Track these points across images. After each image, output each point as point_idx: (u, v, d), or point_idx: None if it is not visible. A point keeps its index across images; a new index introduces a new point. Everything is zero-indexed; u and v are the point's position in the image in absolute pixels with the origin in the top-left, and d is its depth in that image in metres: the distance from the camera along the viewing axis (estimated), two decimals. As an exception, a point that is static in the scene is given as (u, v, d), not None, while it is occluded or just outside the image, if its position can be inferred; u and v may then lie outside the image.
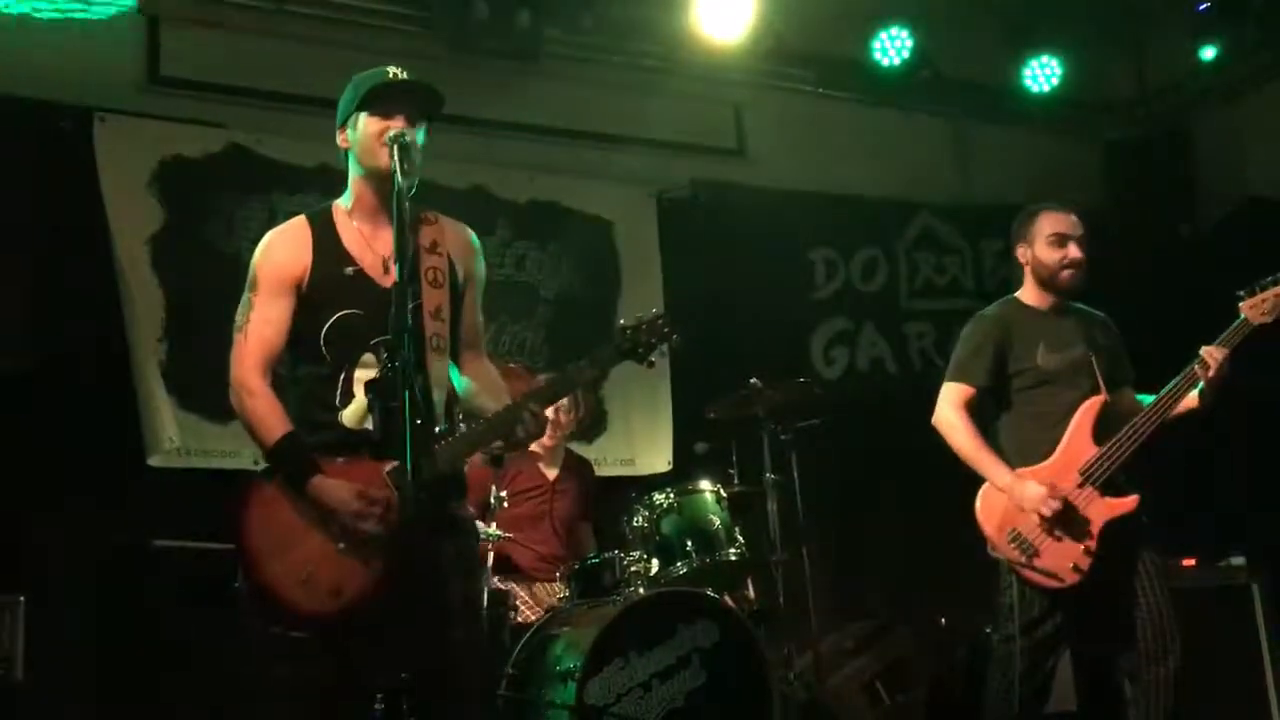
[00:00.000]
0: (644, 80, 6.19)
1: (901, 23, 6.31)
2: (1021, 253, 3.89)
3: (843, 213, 6.68)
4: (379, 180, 2.89)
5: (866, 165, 6.69)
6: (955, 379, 3.81)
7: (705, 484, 4.51)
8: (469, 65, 5.51)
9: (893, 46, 6.32)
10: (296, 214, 3.03)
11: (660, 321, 2.92)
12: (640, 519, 4.35)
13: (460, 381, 3.04)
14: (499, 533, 4.27)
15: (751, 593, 4.76)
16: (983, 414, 3.82)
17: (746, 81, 6.40)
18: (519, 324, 5.84)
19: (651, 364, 2.95)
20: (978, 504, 3.69)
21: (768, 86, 6.49)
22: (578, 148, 6.10)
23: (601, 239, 6.09)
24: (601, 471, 5.41)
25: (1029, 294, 3.88)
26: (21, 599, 3.88)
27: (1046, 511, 3.54)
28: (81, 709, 4.36)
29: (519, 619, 4.31)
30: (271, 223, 5.13)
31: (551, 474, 4.94)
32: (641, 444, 5.96)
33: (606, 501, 5.19)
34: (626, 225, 6.15)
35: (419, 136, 2.89)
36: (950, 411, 3.77)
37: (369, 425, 2.83)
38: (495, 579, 4.30)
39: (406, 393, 2.60)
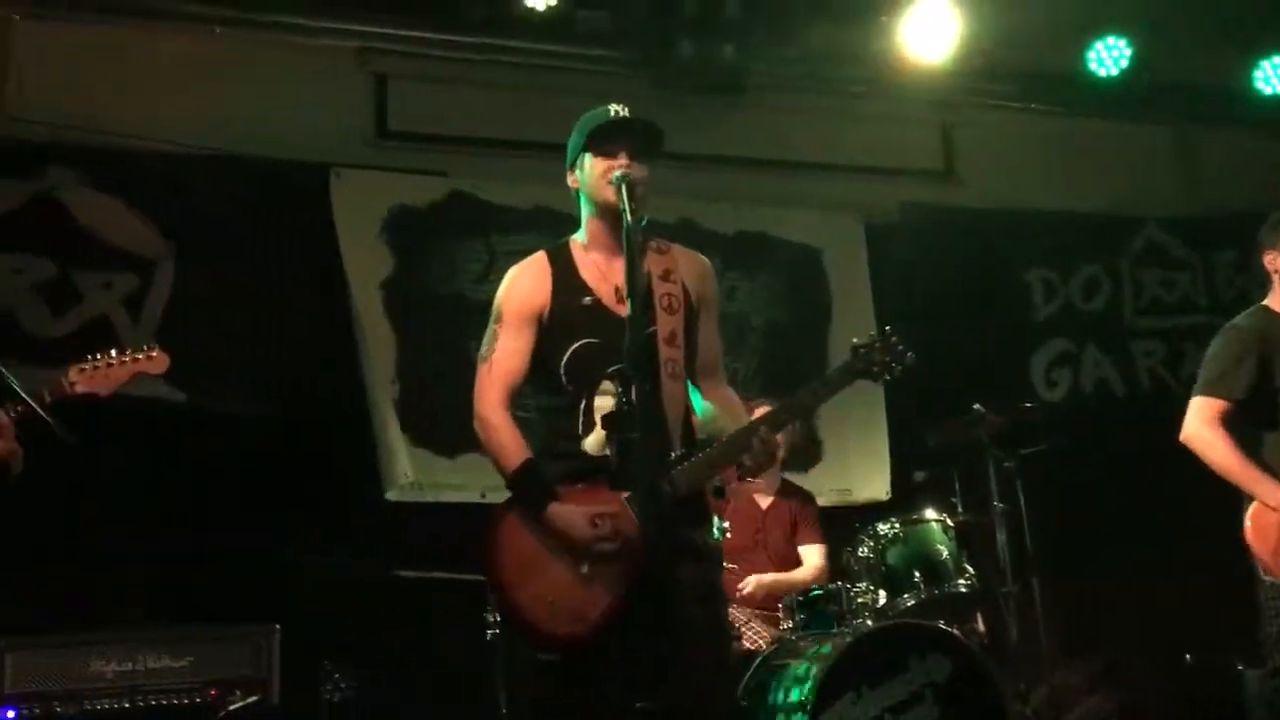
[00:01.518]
0: (849, 105, 6.16)
1: (1118, 31, 6.07)
2: (1270, 260, 3.65)
3: (1060, 230, 6.45)
4: (609, 216, 2.96)
5: (1084, 180, 6.45)
6: (1209, 393, 3.58)
7: (931, 513, 4.41)
8: (675, 102, 5.59)
9: (1109, 56, 6.07)
10: (514, 254, 3.15)
11: (895, 340, 2.96)
12: (865, 549, 4.28)
13: (701, 406, 3.07)
14: (724, 563, 4.28)
15: (981, 625, 4.61)
16: (1231, 430, 3.59)
17: (954, 101, 6.29)
18: (730, 355, 5.84)
19: (887, 380, 2.98)
20: (1247, 524, 3.45)
21: (976, 105, 6.36)
22: (784, 177, 6.11)
23: (810, 267, 6.07)
24: (819, 501, 5.34)
25: None
26: (277, 627, 4.06)
27: None
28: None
29: (744, 648, 4.31)
30: (491, 263, 5.47)
31: (765, 503, 4.93)
32: (858, 473, 5.88)
33: (823, 531, 5.14)
34: (835, 252, 6.11)
35: (644, 171, 2.95)
36: (1205, 427, 3.55)
37: (609, 452, 2.89)
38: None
39: (643, 423, 2.65)
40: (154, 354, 2.98)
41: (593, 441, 2.90)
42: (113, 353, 2.93)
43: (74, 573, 4.60)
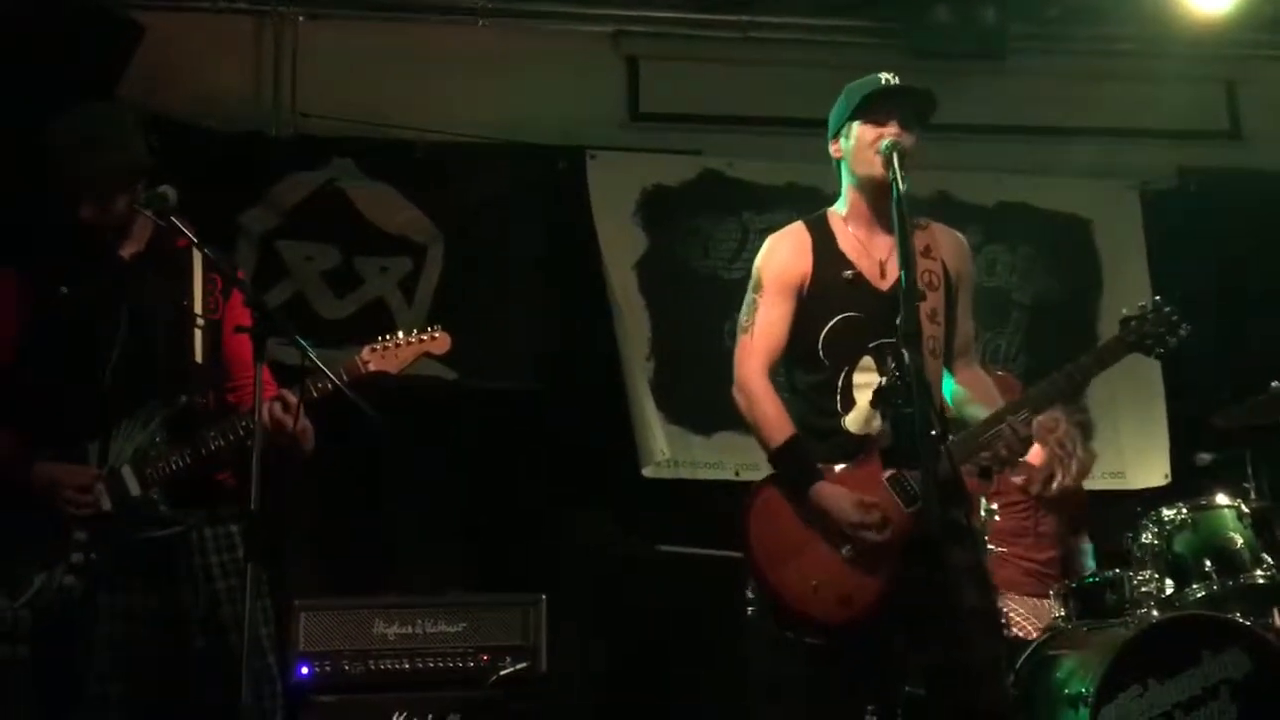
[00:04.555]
0: (1118, 65, 5.78)
1: None
2: None
3: (1367, 192, 5.86)
4: (873, 187, 2.91)
5: (1394, 136, 5.85)
6: None
7: (1223, 498, 4.10)
8: (930, 70, 5.39)
9: None
10: (767, 232, 3.11)
11: (1168, 310, 2.86)
12: (1149, 535, 4.02)
13: (952, 389, 2.98)
14: (991, 546, 4.14)
15: (1278, 621, 4.26)
16: None
17: (1240, 55, 5.81)
18: (991, 331, 5.63)
19: (1160, 354, 2.88)
20: None
21: (1267, 58, 5.85)
22: (1047, 143, 5.79)
23: (1078, 238, 5.74)
24: (1087, 485, 5.07)
25: None
26: (543, 597, 4.17)
27: None
28: (595, 702, 4.72)
29: (1014, 633, 4.15)
30: (744, 242, 5.45)
31: (1035, 487, 4.72)
32: (1133, 455, 5.54)
33: (1093, 517, 4.88)
34: (1106, 222, 5.76)
35: (912, 140, 2.87)
36: None
37: (872, 430, 2.84)
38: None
39: (918, 398, 2.58)
40: (438, 335, 3.11)
41: (854, 419, 2.84)
42: (400, 334, 3.07)
43: (360, 541, 4.91)
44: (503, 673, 4.00)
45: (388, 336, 3.06)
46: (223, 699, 2.66)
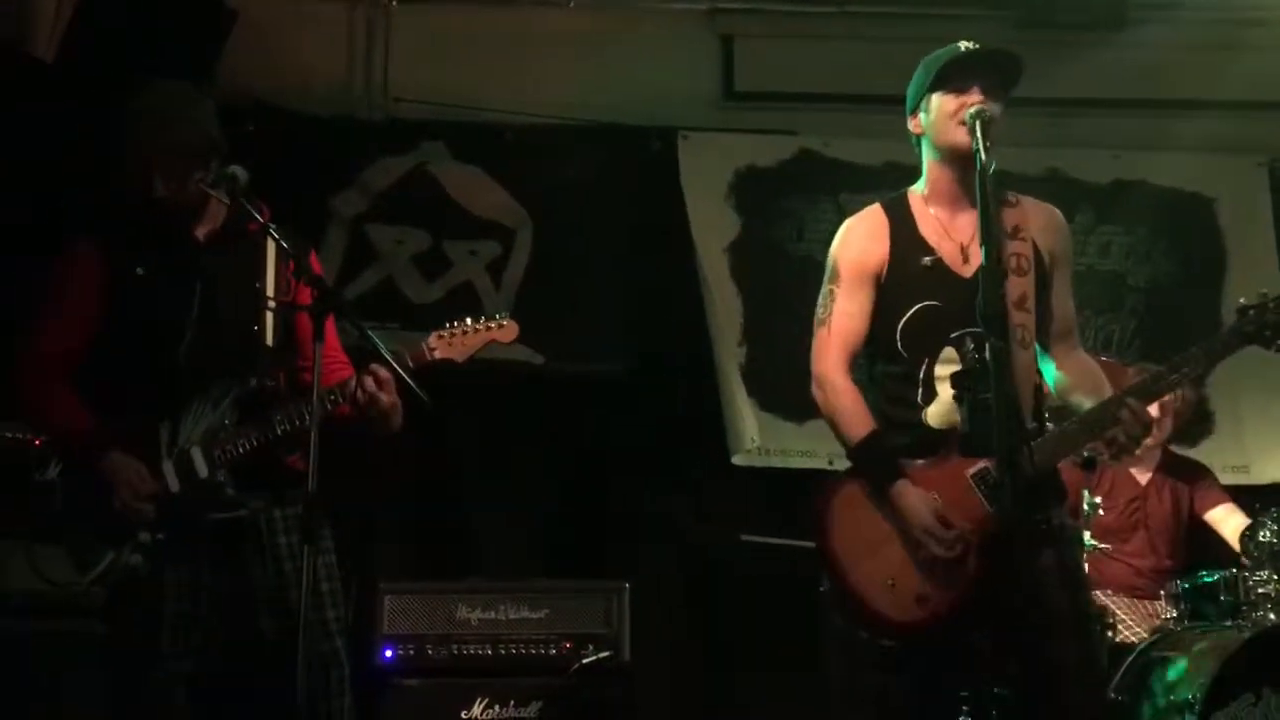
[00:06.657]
0: (1246, 34, 5.42)
1: None
2: None
3: None
4: (956, 162, 2.75)
5: None
6: None
7: (1352, 496, 3.82)
8: (1042, 42, 5.17)
9: None
10: (865, 212, 2.98)
11: None
12: (1268, 533, 3.78)
13: (1053, 376, 2.81)
14: (1095, 543, 3.93)
15: None
16: None
17: (1378, 22, 5.40)
18: (1103, 316, 5.38)
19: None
20: None
21: (1405, 25, 5.43)
22: (1168, 118, 5.48)
23: (1200, 218, 5.44)
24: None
25: None
26: (626, 585, 4.10)
27: None
28: (678, 692, 4.64)
29: (1119, 639, 3.94)
30: (839, 223, 5.28)
31: (1144, 478, 4.47)
32: (1257, 448, 5.22)
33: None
34: (1231, 200, 5.45)
35: (998, 109, 2.71)
36: None
37: (954, 423, 2.69)
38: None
39: (999, 384, 2.43)
40: (505, 323, 3.06)
41: (935, 412, 2.70)
42: (468, 320, 3.03)
43: (448, 525, 4.92)
44: (585, 661, 3.94)
45: (455, 324, 3.02)
46: (291, 681, 2.64)
